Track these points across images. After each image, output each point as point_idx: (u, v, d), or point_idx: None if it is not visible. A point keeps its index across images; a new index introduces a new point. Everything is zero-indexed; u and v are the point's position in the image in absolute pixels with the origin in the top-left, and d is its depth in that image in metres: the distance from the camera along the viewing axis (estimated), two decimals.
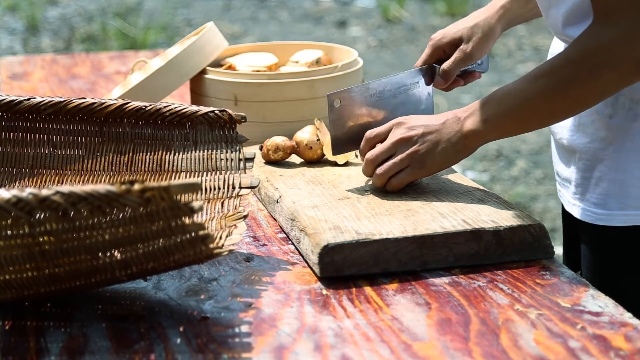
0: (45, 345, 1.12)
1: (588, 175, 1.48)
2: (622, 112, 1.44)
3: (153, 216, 1.10)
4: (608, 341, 1.09)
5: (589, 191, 1.48)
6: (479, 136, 1.42)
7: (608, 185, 1.46)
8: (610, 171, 1.46)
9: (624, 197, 1.45)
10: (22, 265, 1.12)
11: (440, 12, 6.88)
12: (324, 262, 1.27)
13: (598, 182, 1.47)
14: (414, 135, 1.45)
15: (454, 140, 1.43)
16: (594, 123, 1.47)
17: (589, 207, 1.48)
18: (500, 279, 1.27)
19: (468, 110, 1.43)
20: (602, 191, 1.47)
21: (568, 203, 1.53)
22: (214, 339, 1.12)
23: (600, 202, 1.47)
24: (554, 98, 1.37)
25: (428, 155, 1.44)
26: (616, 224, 1.46)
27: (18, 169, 1.48)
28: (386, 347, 1.09)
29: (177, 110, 1.44)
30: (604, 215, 1.47)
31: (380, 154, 1.47)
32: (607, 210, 1.46)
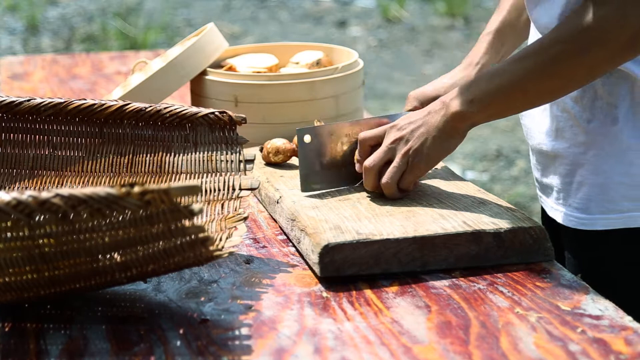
0: (45, 348, 1.12)
1: (569, 180, 1.48)
2: (601, 116, 1.43)
3: (153, 218, 1.10)
4: (608, 345, 1.09)
5: (571, 196, 1.48)
6: (465, 117, 1.39)
7: (589, 189, 1.46)
8: (591, 175, 1.45)
9: (606, 202, 1.45)
10: (22, 268, 1.12)
11: (440, 12, 6.88)
12: (324, 261, 1.27)
13: (579, 186, 1.47)
14: (404, 135, 1.43)
15: (442, 126, 1.40)
16: (573, 128, 1.46)
17: (572, 212, 1.48)
18: (501, 281, 1.26)
19: (452, 94, 1.41)
20: (584, 195, 1.47)
21: (550, 209, 1.53)
22: (214, 342, 1.12)
23: (582, 206, 1.47)
24: (542, 77, 1.35)
25: (422, 149, 1.41)
26: (599, 228, 1.45)
27: (18, 170, 1.48)
28: (386, 350, 1.09)
29: (177, 111, 1.44)
30: (587, 219, 1.47)
31: (377, 160, 1.44)
32: (589, 214, 1.46)
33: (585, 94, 1.44)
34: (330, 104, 1.81)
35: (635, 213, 1.44)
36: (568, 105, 1.46)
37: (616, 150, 1.43)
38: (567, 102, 1.46)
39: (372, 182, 1.45)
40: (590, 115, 1.44)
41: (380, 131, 1.46)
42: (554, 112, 1.49)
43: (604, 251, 1.47)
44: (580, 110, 1.45)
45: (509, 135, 4.77)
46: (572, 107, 1.46)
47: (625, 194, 1.43)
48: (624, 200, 1.43)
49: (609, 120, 1.43)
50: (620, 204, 1.44)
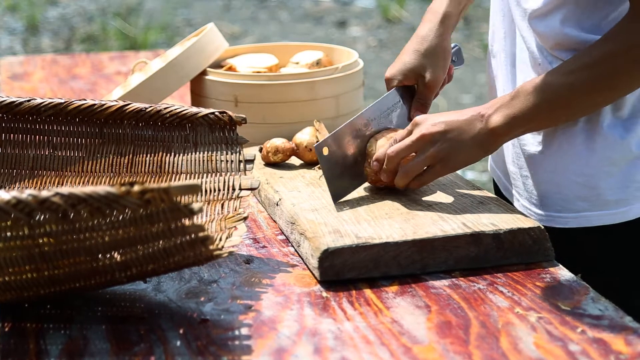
0: (45, 347, 1.12)
1: (526, 174, 1.50)
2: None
3: (153, 218, 1.10)
4: (608, 345, 1.09)
5: (529, 191, 1.50)
6: (505, 133, 1.39)
7: (547, 187, 1.47)
8: (549, 174, 1.47)
9: (562, 200, 1.46)
10: (22, 267, 1.12)
11: None
12: (323, 266, 1.27)
13: (538, 184, 1.49)
14: (435, 133, 1.40)
15: (479, 138, 1.39)
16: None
17: (530, 207, 1.50)
18: (500, 281, 1.26)
19: (492, 107, 1.40)
20: (542, 193, 1.48)
21: (506, 189, 1.56)
22: (214, 342, 1.12)
23: (541, 203, 1.49)
24: (590, 92, 1.36)
25: (452, 154, 1.40)
26: (556, 226, 1.47)
27: (18, 171, 1.48)
28: (386, 350, 1.09)
29: (177, 111, 1.44)
30: (545, 216, 1.48)
31: (402, 150, 1.42)
32: (546, 211, 1.48)
33: None
34: (330, 104, 1.81)
35: (589, 213, 1.45)
36: None
37: (573, 150, 1.44)
38: None
39: (392, 168, 1.43)
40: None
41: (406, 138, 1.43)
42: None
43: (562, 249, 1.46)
44: None
45: None
46: None
47: (579, 194, 1.45)
48: (578, 200, 1.45)
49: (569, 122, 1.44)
50: (575, 203, 1.45)
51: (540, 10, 1.42)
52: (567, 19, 1.40)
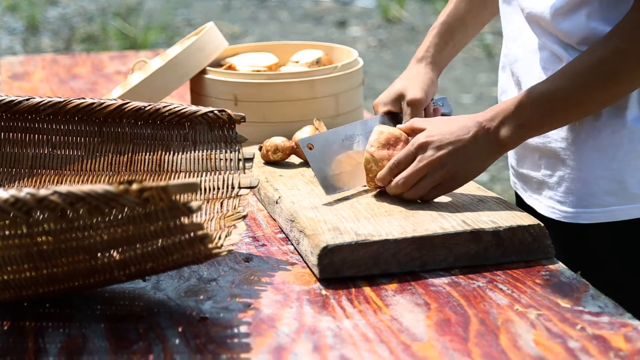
0: (43, 346, 1.12)
1: (550, 173, 1.50)
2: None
3: (151, 216, 1.10)
4: (608, 341, 1.09)
5: (553, 189, 1.50)
6: (515, 143, 1.40)
7: (571, 184, 1.47)
8: (573, 170, 1.47)
9: (588, 196, 1.46)
10: (21, 266, 1.11)
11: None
12: (323, 263, 1.27)
13: (560, 180, 1.48)
14: (443, 156, 1.40)
15: (487, 151, 1.40)
16: None
17: (554, 204, 1.50)
18: (500, 279, 1.26)
19: (495, 119, 1.39)
20: (566, 190, 1.48)
21: (529, 197, 1.55)
22: (213, 340, 1.12)
23: (565, 200, 1.48)
24: (603, 88, 1.36)
25: (461, 173, 1.41)
26: (582, 222, 1.47)
27: (17, 169, 1.48)
28: (385, 347, 1.09)
29: (177, 110, 1.44)
30: (570, 213, 1.48)
31: (411, 178, 1.41)
32: (572, 208, 1.48)
33: None
34: (330, 102, 1.81)
35: (617, 207, 1.45)
36: None
37: (599, 145, 1.44)
38: None
39: (399, 192, 1.43)
40: None
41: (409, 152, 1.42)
42: None
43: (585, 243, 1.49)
44: None
45: None
46: None
47: (607, 189, 1.45)
48: (605, 195, 1.45)
49: (592, 116, 1.44)
50: (603, 198, 1.45)
51: (565, 7, 1.41)
52: (593, 13, 1.40)
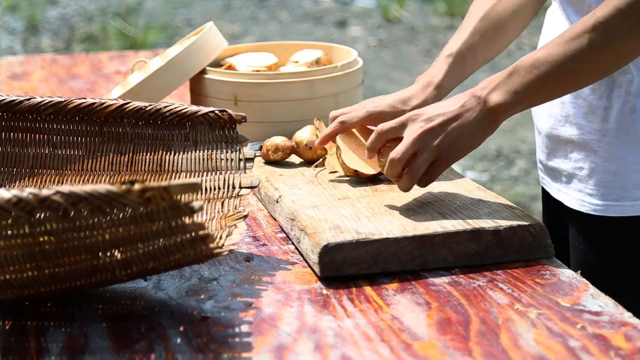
0: (45, 345, 1.12)
1: (581, 166, 1.51)
2: (618, 105, 1.46)
3: (153, 216, 1.10)
4: (608, 340, 1.09)
5: (583, 182, 1.51)
6: (506, 109, 1.35)
7: (602, 176, 1.48)
8: (605, 163, 1.48)
9: (619, 189, 1.47)
10: (23, 265, 1.12)
11: (440, 12, 6.88)
12: (324, 261, 1.27)
13: (592, 173, 1.50)
14: (434, 127, 1.36)
15: (480, 120, 1.36)
16: (587, 116, 1.49)
17: (584, 197, 1.51)
18: (500, 278, 1.27)
19: (487, 87, 1.36)
20: (597, 182, 1.49)
21: (557, 191, 1.56)
22: (214, 339, 1.12)
23: (595, 192, 1.49)
24: (598, 54, 1.32)
25: (455, 144, 1.36)
26: (611, 215, 1.48)
27: (18, 169, 1.48)
28: (386, 346, 1.10)
29: (177, 110, 1.44)
30: (600, 205, 1.49)
31: (405, 152, 1.36)
32: (602, 200, 1.49)
33: (602, 83, 1.46)
34: (329, 102, 1.81)
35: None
36: (583, 93, 1.48)
37: (632, 139, 1.46)
38: (583, 91, 1.48)
39: (396, 173, 1.39)
40: (608, 104, 1.47)
41: (399, 123, 1.40)
42: (565, 99, 1.51)
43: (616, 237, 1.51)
44: (596, 99, 1.47)
45: (509, 135, 4.77)
46: (587, 95, 1.48)
47: (637, 182, 1.46)
48: (636, 189, 1.47)
49: (627, 108, 1.45)
50: (633, 191, 1.47)
51: None
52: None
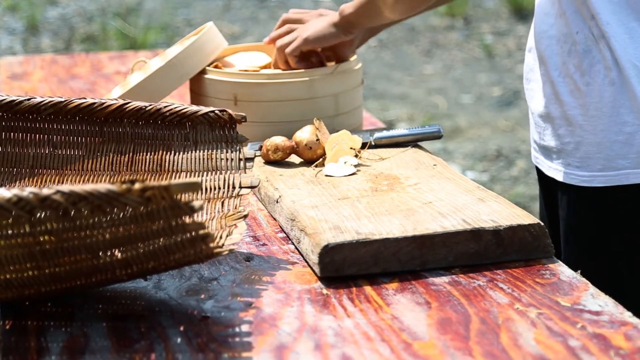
0: (45, 345, 1.12)
1: (568, 140, 1.60)
2: (598, 79, 1.56)
3: (153, 215, 1.10)
4: (608, 340, 1.09)
5: (570, 155, 1.60)
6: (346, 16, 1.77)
7: (587, 148, 1.58)
8: (589, 135, 1.57)
9: (602, 159, 1.56)
10: (23, 265, 1.12)
11: (440, 12, 6.88)
12: (324, 262, 1.27)
13: (578, 146, 1.59)
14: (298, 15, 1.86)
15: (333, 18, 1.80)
16: (573, 92, 1.58)
17: (572, 170, 1.60)
18: (500, 278, 1.27)
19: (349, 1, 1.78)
20: (583, 154, 1.58)
21: (548, 168, 1.66)
22: (214, 339, 1.12)
23: (582, 164, 1.59)
24: None
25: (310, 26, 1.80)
26: (597, 185, 1.57)
27: (18, 169, 1.48)
28: (386, 346, 1.10)
29: (177, 110, 1.44)
30: (586, 177, 1.58)
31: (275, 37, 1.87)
32: (588, 172, 1.58)
33: (585, 59, 1.57)
34: (329, 102, 1.81)
35: (630, 170, 1.55)
36: (570, 71, 1.59)
37: (612, 110, 1.55)
38: (570, 68, 1.59)
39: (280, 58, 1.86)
40: (590, 79, 1.56)
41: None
42: (555, 78, 1.61)
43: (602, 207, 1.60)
44: (580, 75, 1.57)
45: (509, 135, 4.77)
46: (573, 73, 1.58)
47: (620, 152, 1.55)
48: (618, 158, 1.55)
49: (606, 82, 1.55)
50: (616, 161, 1.56)
51: None
52: None
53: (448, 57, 6.03)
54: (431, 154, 1.67)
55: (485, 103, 5.19)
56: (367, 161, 1.63)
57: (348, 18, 1.77)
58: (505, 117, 4.93)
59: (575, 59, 1.58)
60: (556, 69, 1.61)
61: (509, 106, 5.09)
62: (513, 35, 6.26)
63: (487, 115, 5.01)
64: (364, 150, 1.67)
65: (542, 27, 1.66)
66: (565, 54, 1.60)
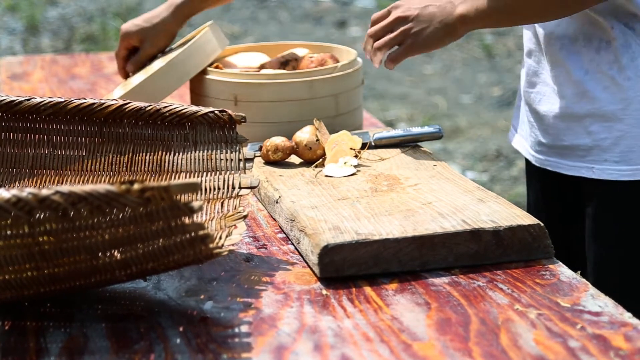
0: (45, 346, 1.12)
1: (605, 136, 1.59)
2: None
3: (153, 216, 1.10)
4: (608, 341, 1.09)
5: (607, 151, 1.59)
6: (466, 21, 1.58)
7: (631, 142, 1.58)
8: (633, 128, 1.57)
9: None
10: (22, 265, 1.12)
11: None
12: (323, 262, 1.27)
13: (618, 140, 1.59)
14: (409, 15, 1.62)
15: (445, 21, 1.60)
16: (608, 88, 1.58)
17: (610, 165, 1.59)
18: (500, 278, 1.27)
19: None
20: (624, 148, 1.58)
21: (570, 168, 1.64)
22: (213, 339, 1.12)
23: (623, 158, 1.58)
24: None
25: (420, 33, 1.61)
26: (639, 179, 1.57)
27: (18, 170, 1.48)
28: (386, 347, 1.10)
29: (177, 110, 1.44)
30: (628, 170, 1.58)
31: (379, 30, 1.64)
32: (630, 165, 1.58)
33: (623, 56, 1.56)
34: (329, 102, 1.81)
35: None
36: (603, 68, 1.58)
37: None
38: (602, 66, 1.58)
39: (368, 48, 1.66)
40: (631, 74, 1.56)
41: (385, 11, 1.66)
42: (580, 77, 1.60)
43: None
44: (617, 71, 1.57)
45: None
46: (608, 69, 1.57)
47: None
48: None
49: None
50: None
51: None
52: None
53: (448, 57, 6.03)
54: (431, 154, 1.67)
55: (485, 103, 5.19)
56: (367, 161, 1.63)
57: (473, 26, 1.60)
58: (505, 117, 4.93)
59: (610, 55, 1.57)
60: (579, 68, 1.60)
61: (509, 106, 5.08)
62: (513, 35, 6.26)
63: (487, 115, 5.01)
64: (363, 151, 1.67)
65: (546, 29, 1.65)
66: (592, 52, 1.59)
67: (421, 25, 1.60)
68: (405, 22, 1.61)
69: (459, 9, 1.58)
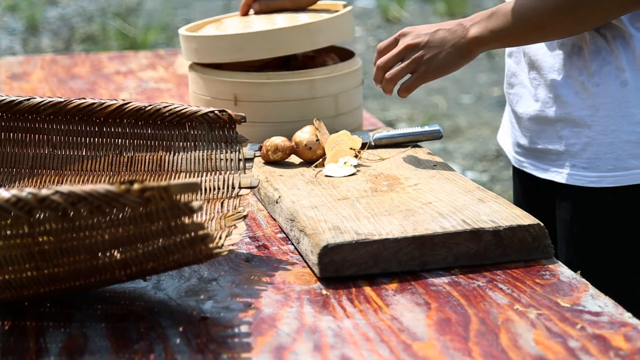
0: (44, 346, 1.12)
1: (574, 142, 1.58)
2: (609, 80, 1.54)
3: (152, 216, 1.10)
4: (608, 341, 1.09)
5: (576, 157, 1.58)
6: (480, 43, 1.54)
7: (597, 149, 1.56)
8: (600, 135, 1.55)
9: (614, 160, 1.55)
10: (22, 265, 1.12)
11: (440, 12, 6.88)
12: (323, 262, 1.27)
13: (585, 147, 1.57)
14: (420, 42, 1.56)
15: (458, 45, 1.55)
16: (579, 94, 1.56)
17: (577, 171, 1.58)
18: (500, 278, 1.27)
19: (473, 20, 1.55)
20: (591, 155, 1.56)
21: (544, 171, 1.63)
22: (213, 339, 1.12)
23: (590, 165, 1.57)
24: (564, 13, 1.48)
25: (433, 59, 1.56)
26: (607, 185, 1.55)
27: (18, 169, 1.48)
28: (386, 347, 1.10)
29: (177, 110, 1.44)
30: (595, 177, 1.56)
31: (389, 60, 1.58)
32: (597, 172, 1.56)
33: (592, 62, 1.54)
34: (329, 102, 1.81)
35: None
36: (574, 73, 1.56)
37: (624, 111, 1.53)
38: (573, 70, 1.57)
39: (379, 78, 1.60)
40: (600, 80, 1.54)
41: (392, 39, 1.60)
42: (553, 81, 1.59)
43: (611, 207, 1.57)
44: (587, 76, 1.55)
45: None
46: (579, 75, 1.56)
47: (632, 152, 1.54)
48: (630, 158, 1.54)
49: (618, 83, 1.53)
50: (627, 161, 1.54)
51: None
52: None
53: None
54: (431, 154, 1.67)
55: (485, 103, 5.19)
56: (367, 161, 1.63)
57: (487, 47, 1.55)
58: None
59: (580, 61, 1.56)
60: (553, 72, 1.59)
61: None
62: None
63: (487, 115, 5.01)
64: (363, 151, 1.67)
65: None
66: (565, 56, 1.58)
67: (433, 52, 1.55)
68: (416, 49, 1.56)
69: (471, 32, 1.54)
